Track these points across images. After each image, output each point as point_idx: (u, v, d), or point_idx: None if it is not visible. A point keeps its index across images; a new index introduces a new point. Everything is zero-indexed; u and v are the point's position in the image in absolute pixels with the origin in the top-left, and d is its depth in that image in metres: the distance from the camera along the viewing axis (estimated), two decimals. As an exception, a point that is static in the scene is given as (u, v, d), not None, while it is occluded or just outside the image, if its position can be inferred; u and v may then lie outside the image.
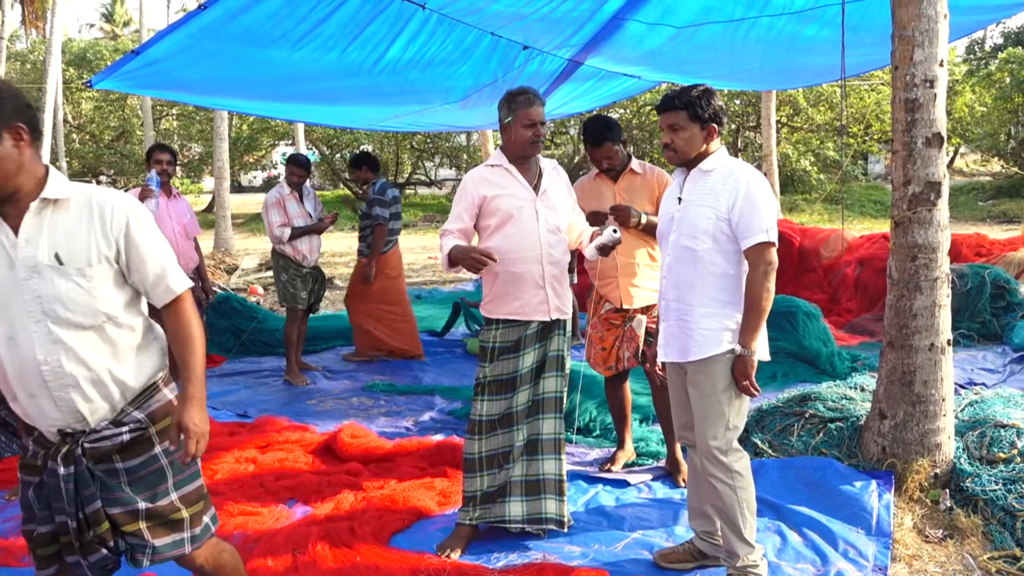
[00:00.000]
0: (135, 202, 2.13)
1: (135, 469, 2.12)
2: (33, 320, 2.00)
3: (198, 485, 2.24)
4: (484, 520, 3.41)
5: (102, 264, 2.06)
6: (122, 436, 2.08)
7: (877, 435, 3.82)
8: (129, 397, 2.12)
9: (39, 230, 2.02)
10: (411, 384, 6.11)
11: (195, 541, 2.21)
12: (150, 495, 2.13)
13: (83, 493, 2.06)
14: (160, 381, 2.19)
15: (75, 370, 2.03)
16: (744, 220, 2.81)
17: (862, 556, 3.21)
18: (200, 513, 2.24)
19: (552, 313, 3.38)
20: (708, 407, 2.87)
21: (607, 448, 4.55)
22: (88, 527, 2.07)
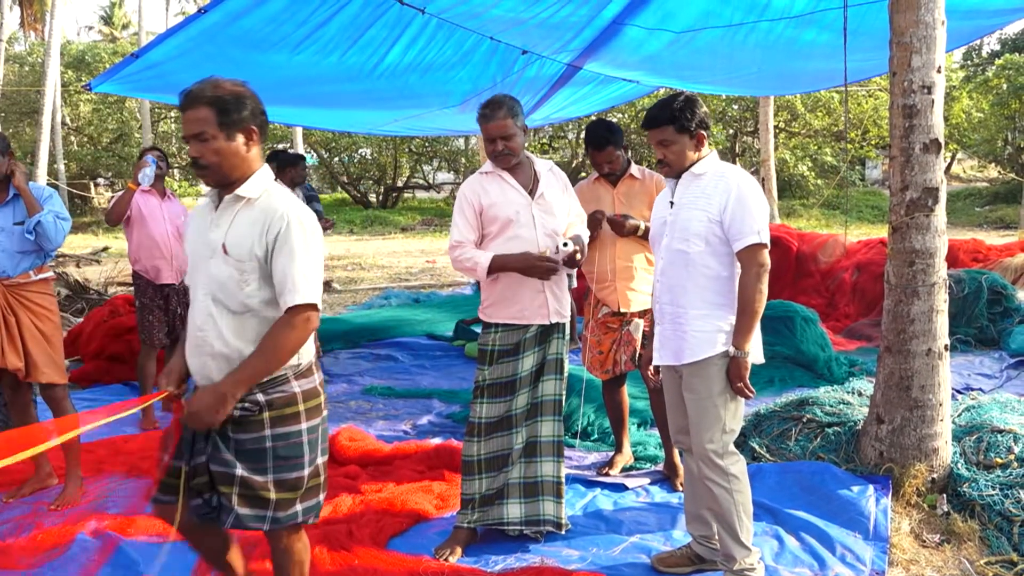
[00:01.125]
0: (306, 214, 2.31)
1: (243, 443, 2.29)
2: (203, 292, 2.31)
3: (298, 477, 2.33)
4: (482, 523, 3.41)
5: (254, 261, 2.26)
6: (235, 411, 2.25)
7: (875, 440, 3.83)
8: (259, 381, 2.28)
9: (227, 219, 2.30)
10: (409, 388, 6.11)
11: (276, 523, 2.33)
12: (248, 468, 2.28)
13: (197, 445, 2.30)
14: (292, 374, 2.33)
15: (216, 343, 2.28)
16: (736, 222, 2.82)
17: (859, 560, 3.21)
18: (291, 501, 2.34)
19: (551, 316, 3.39)
20: (703, 410, 2.88)
21: (605, 452, 4.55)
22: (194, 475, 2.30)
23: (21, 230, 3.83)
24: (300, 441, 2.34)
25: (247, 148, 2.30)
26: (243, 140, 2.29)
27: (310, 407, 2.37)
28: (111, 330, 6.50)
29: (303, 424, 2.35)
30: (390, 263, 14.26)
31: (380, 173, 28.04)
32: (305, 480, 2.36)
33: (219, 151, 2.26)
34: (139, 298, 5.17)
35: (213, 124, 2.24)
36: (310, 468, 2.37)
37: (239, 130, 2.27)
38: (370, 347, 7.42)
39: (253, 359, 2.24)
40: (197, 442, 2.30)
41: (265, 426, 2.29)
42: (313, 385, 2.40)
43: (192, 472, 2.31)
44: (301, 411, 2.35)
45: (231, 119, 2.25)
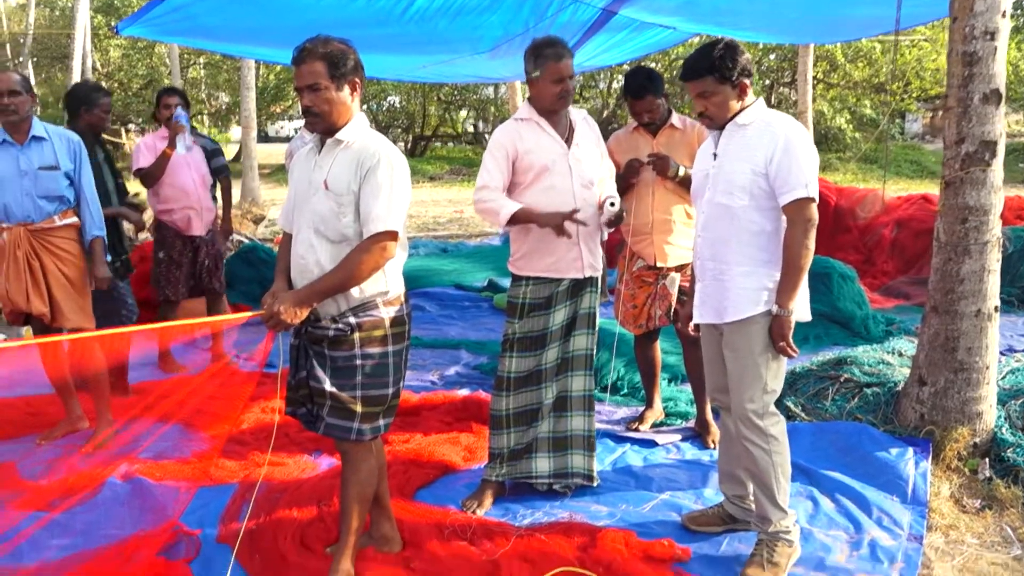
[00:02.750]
0: (396, 155, 2.54)
1: (336, 360, 2.57)
2: (307, 225, 2.57)
3: (383, 394, 2.63)
4: (510, 476, 3.37)
5: (350, 195, 2.51)
6: (329, 331, 2.54)
7: (916, 402, 3.72)
8: (351, 305, 2.55)
9: (328, 160, 2.57)
10: (437, 338, 6.07)
11: (360, 434, 2.61)
12: (339, 384, 2.57)
13: (299, 360, 2.64)
14: (380, 301, 2.58)
15: (315, 269, 2.54)
16: (782, 174, 2.68)
17: (897, 524, 3.13)
18: (375, 415, 2.64)
19: (585, 270, 3.29)
20: (744, 369, 2.78)
21: (635, 407, 4.48)
22: (297, 388, 2.66)
23: (45, 175, 3.78)
24: (386, 363, 2.62)
25: (351, 98, 2.56)
26: (348, 91, 2.55)
27: (396, 332, 2.63)
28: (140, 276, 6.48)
29: (389, 347, 2.62)
30: (418, 212, 14.17)
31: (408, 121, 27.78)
32: (388, 398, 2.64)
33: (329, 100, 2.51)
34: (164, 251, 5.02)
35: (325, 76, 2.48)
36: (393, 388, 2.65)
37: (346, 82, 2.52)
38: (397, 297, 7.35)
39: (330, 274, 2.49)
40: (300, 359, 2.64)
41: (355, 345, 2.56)
42: (401, 314, 2.66)
43: (296, 385, 2.66)
44: (388, 335, 2.61)
45: (339, 72, 2.50)
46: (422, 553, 2.91)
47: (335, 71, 2.49)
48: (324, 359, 2.58)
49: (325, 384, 2.57)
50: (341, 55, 2.51)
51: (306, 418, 2.69)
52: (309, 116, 2.55)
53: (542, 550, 2.91)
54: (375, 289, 2.58)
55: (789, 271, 2.69)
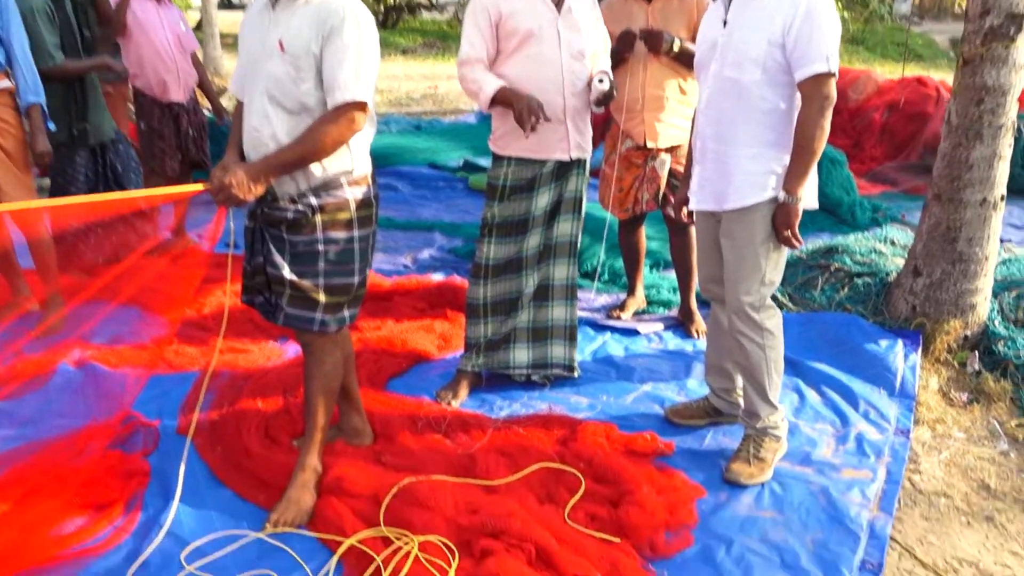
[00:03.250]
0: (363, 13, 2.24)
1: (296, 245, 2.34)
2: (260, 92, 2.28)
3: (347, 283, 2.41)
4: (487, 367, 3.22)
5: (310, 58, 2.22)
6: (288, 213, 2.30)
7: (908, 293, 3.58)
8: (312, 184, 2.30)
9: (285, 18, 2.25)
10: (410, 219, 5.82)
11: (323, 326, 2.41)
12: (299, 271, 2.35)
13: (255, 245, 2.40)
14: (345, 180, 2.34)
15: (270, 143, 2.27)
16: (801, 45, 2.39)
17: (884, 418, 3.05)
18: (340, 306, 2.43)
19: (572, 151, 3.02)
20: (743, 260, 2.59)
21: (616, 294, 4.32)
22: (253, 275, 2.43)
23: None
24: (351, 248, 2.39)
25: None
26: None
27: (362, 215, 2.40)
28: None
29: (355, 232, 2.39)
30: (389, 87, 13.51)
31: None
32: (354, 287, 2.44)
33: None
34: (144, 120, 4.59)
35: None
36: (359, 277, 2.44)
37: None
38: (368, 175, 7.03)
39: (290, 146, 2.24)
40: (255, 244, 2.40)
41: (317, 229, 2.34)
42: (368, 195, 2.42)
43: (252, 272, 2.44)
44: (353, 218, 2.37)
45: None
46: (394, 446, 2.77)
47: None
48: (283, 244, 2.35)
49: (283, 271, 2.35)
50: None
51: (264, 307, 2.48)
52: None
53: (520, 444, 2.78)
54: (339, 167, 2.33)
55: (801, 154, 2.44)
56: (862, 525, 2.43)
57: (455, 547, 2.26)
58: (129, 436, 2.84)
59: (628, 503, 2.42)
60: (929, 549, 2.39)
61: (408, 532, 2.30)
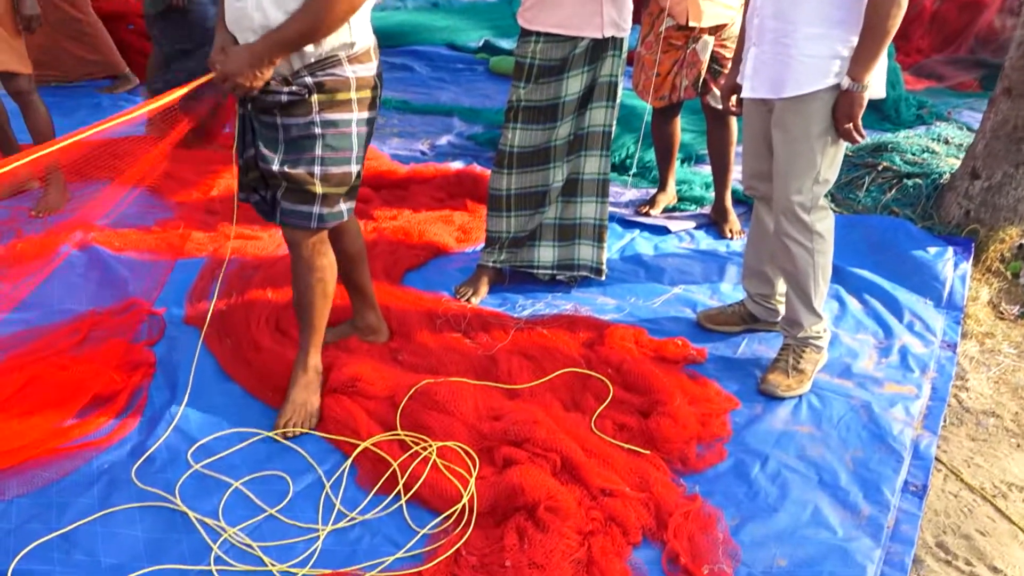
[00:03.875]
0: None
1: (290, 128, 2.09)
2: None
3: (345, 171, 2.17)
4: (509, 264, 3.04)
5: None
6: (282, 96, 2.04)
7: (963, 196, 3.34)
8: (308, 61, 2.04)
9: None
10: (427, 103, 5.51)
11: (322, 220, 2.18)
12: (293, 159, 2.11)
13: (246, 136, 2.16)
14: (344, 56, 2.07)
15: (256, 15, 1.97)
16: None
17: (929, 330, 2.87)
18: (337, 197, 2.19)
19: (606, 29, 2.72)
20: (796, 154, 2.34)
21: (645, 189, 4.08)
22: (247, 171, 2.20)
23: None
24: (349, 132, 2.14)
25: None
26: None
27: (362, 97, 2.14)
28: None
29: (354, 113, 2.13)
30: (406, -39, 12.80)
31: None
32: (352, 176, 2.20)
33: None
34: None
35: None
36: (357, 166, 2.21)
37: None
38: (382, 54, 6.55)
39: (293, 20, 1.95)
40: (246, 134, 2.16)
41: (313, 110, 2.08)
42: (370, 74, 2.15)
43: (245, 167, 2.21)
44: (353, 99, 2.11)
45: None
46: (411, 344, 2.63)
47: None
48: (275, 130, 2.11)
49: (273, 164, 2.11)
50: None
51: (260, 206, 2.26)
52: None
53: (544, 346, 2.63)
54: (338, 40, 2.06)
55: (873, 35, 2.16)
56: (905, 444, 2.29)
57: (476, 454, 2.14)
58: (135, 324, 2.70)
59: (659, 413, 2.28)
60: (976, 471, 2.26)
61: (426, 437, 2.18)
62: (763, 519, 2.02)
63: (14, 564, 1.80)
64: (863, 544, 1.94)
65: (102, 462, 2.12)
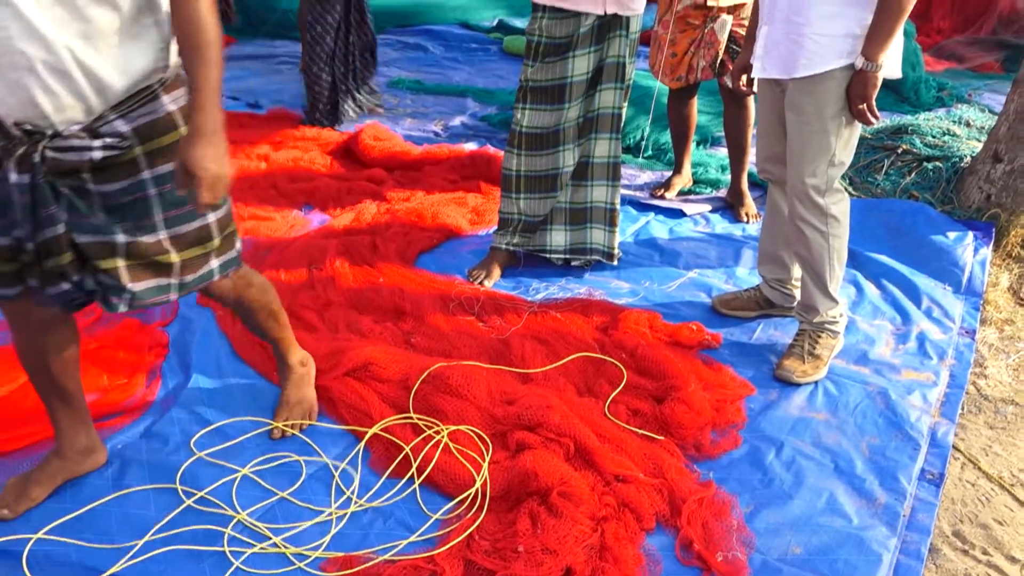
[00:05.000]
0: None
1: (113, 195, 1.62)
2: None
3: (201, 225, 1.73)
4: (522, 247, 3.02)
5: None
6: (92, 151, 1.56)
7: (984, 180, 3.28)
8: (111, 100, 1.57)
9: None
10: (441, 83, 5.47)
11: (183, 288, 1.76)
12: (131, 228, 1.64)
13: (40, 212, 1.58)
14: (159, 85, 1.62)
15: (29, 48, 1.45)
16: None
17: (947, 316, 2.83)
18: (201, 257, 1.76)
19: (608, 5, 2.66)
20: (810, 136, 2.30)
21: (661, 171, 4.04)
22: (47, 255, 1.62)
23: None
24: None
25: None
26: None
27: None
28: None
29: None
30: (419, -61, 12.68)
31: None
32: (214, 229, 1.76)
33: None
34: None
35: None
36: (221, 212, 1.77)
37: None
38: (395, 33, 6.61)
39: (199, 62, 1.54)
40: (38, 208, 1.57)
41: (141, 166, 1.62)
42: (186, 98, 1.65)
43: (44, 251, 1.62)
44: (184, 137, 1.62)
45: None
46: (424, 327, 2.62)
47: None
48: (89, 198, 1.61)
49: (115, 235, 1.63)
50: None
51: (69, 297, 1.70)
52: None
53: (557, 330, 2.62)
54: (147, 61, 1.60)
55: (888, 13, 2.11)
56: (923, 431, 2.27)
57: (488, 438, 2.14)
58: (147, 306, 2.70)
59: (673, 399, 2.27)
60: (994, 460, 2.24)
61: (438, 421, 2.17)
62: (778, 506, 2.00)
63: (30, 545, 1.81)
64: (879, 532, 1.93)
65: (115, 442, 2.13)
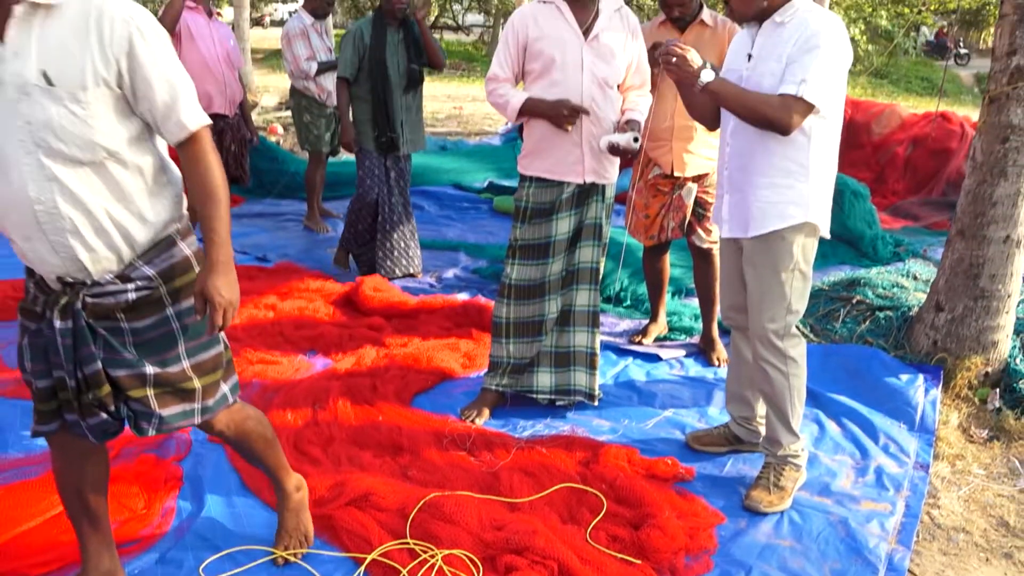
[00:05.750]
0: (142, 13, 1.77)
1: (142, 331, 1.88)
2: (24, 151, 1.72)
3: (216, 353, 2.01)
4: (511, 388, 3.28)
5: (100, 88, 1.73)
6: (127, 294, 1.83)
7: (930, 328, 3.61)
8: (138, 250, 1.85)
9: (28, 40, 1.69)
10: (435, 239, 5.90)
11: (206, 412, 2.01)
12: (159, 360, 1.89)
13: (82, 351, 1.82)
14: (176, 234, 1.91)
15: (72, 213, 1.75)
16: (791, 66, 2.43)
17: (903, 452, 3.07)
18: (216, 383, 2.02)
19: (587, 175, 3.09)
20: (768, 288, 2.64)
21: (638, 320, 4.37)
22: (87, 388, 1.84)
23: None
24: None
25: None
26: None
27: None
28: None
29: None
30: (416, 107, 13.71)
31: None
32: (223, 357, 2.04)
33: None
34: None
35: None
36: (223, 341, 2.05)
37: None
38: (395, 194, 7.13)
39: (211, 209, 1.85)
40: (80, 348, 1.82)
41: (165, 303, 1.89)
42: (198, 244, 1.97)
43: (84, 385, 1.85)
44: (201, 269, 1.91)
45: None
46: (420, 461, 2.84)
47: None
48: (122, 335, 1.86)
49: (144, 367, 1.87)
50: None
51: (105, 427, 1.90)
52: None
53: (543, 463, 2.83)
54: (166, 214, 1.89)
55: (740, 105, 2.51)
56: (880, 557, 2.45)
57: (480, 561, 2.31)
58: (163, 442, 2.91)
59: (649, 526, 2.46)
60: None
61: (433, 546, 2.35)
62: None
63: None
64: (840, 649, 2.08)
65: (133, 568, 2.29)
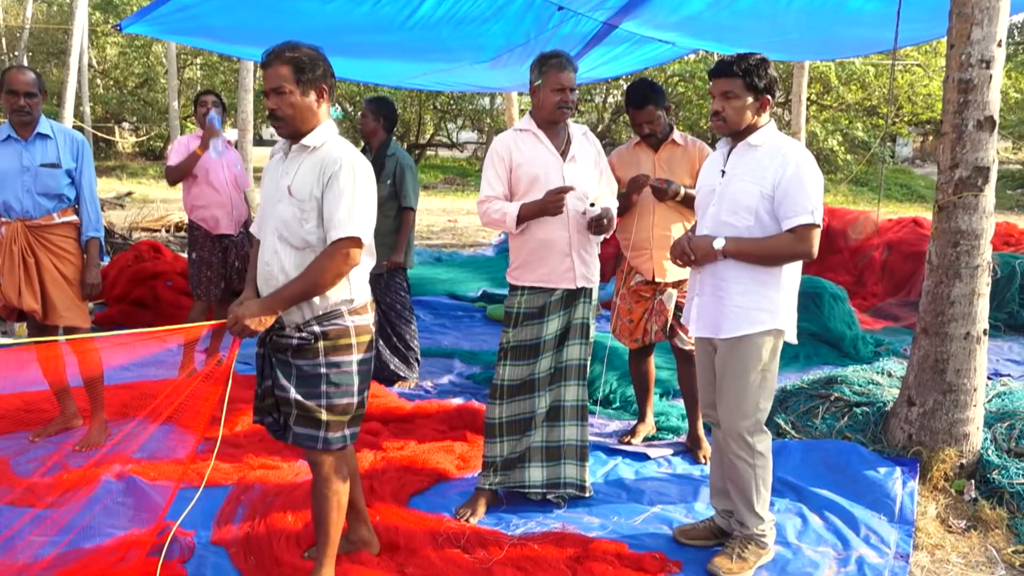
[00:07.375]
0: (359, 161, 2.53)
1: (301, 368, 2.56)
2: (271, 231, 2.57)
3: (347, 402, 2.61)
4: (503, 485, 3.40)
5: (313, 201, 2.50)
6: (293, 340, 2.53)
7: (904, 422, 3.77)
8: (316, 313, 2.55)
9: (294, 166, 2.56)
10: (431, 347, 6.09)
11: (327, 444, 2.60)
12: (304, 392, 2.56)
13: (264, 369, 2.63)
14: (345, 309, 2.57)
15: (280, 276, 2.54)
16: (789, 199, 2.74)
17: (884, 543, 3.18)
18: (341, 424, 2.61)
19: (578, 281, 3.33)
20: (737, 387, 2.83)
21: (627, 421, 4.52)
22: (263, 397, 2.65)
23: (46, 172, 3.79)
24: (351, 371, 2.60)
25: (317, 104, 2.57)
26: (315, 97, 2.56)
27: (361, 341, 2.62)
28: (135, 275, 6.51)
29: (354, 355, 2.60)
30: (412, 220, 14.18)
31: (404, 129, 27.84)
32: (354, 407, 2.63)
33: (294, 104, 2.52)
34: (195, 251, 4.93)
35: (291, 80, 2.51)
36: (358, 397, 2.64)
37: (312, 87, 2.54)
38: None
39: (295, 281, 2.50)
40: (264, 368, 2.62)
41: (320, 354, 2.55)
42: (367, 323, 2.64)
43: (262, 394, 2.65)
44: (353, 343, 2.59)
45: (306, 77, 2.52)
46: (416, 559, 2.93)
47: (301, 76, 2.51)
48: (288, 367, 2.58)
49: (290, 392, 2.56)
50: (309, 61, 2.52)
51: (273, 427, 2.68)
52: (273, 120, 2.56)
53: (534, 559, 2.94)
54: (339, 297, 2.57)
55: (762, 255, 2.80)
56: (862, 643, 2.53)
57: (473, 654, 2.39)
58: (167, 545, 3.00)
59: (637, 616, 2.55)
60: (926, 667, 2.49)
61: (429, 639, 2.44)
62: None
63: None
64: None
65: (138, 667, 2.36)
